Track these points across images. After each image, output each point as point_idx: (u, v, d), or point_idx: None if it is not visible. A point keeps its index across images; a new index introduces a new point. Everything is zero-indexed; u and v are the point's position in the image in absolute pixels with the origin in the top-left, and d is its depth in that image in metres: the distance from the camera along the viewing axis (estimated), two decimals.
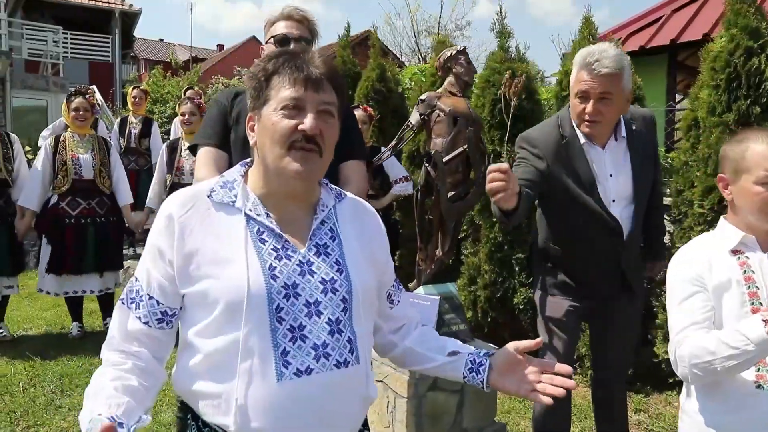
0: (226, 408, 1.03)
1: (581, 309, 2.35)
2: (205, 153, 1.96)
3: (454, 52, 2.51)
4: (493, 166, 1.45)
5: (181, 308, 1.12)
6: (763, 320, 1.34)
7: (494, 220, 4.00)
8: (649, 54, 5.91)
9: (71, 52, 16.70)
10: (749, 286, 1.51)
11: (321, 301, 1.08)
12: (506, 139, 3.85)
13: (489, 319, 4.07)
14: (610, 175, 2.16)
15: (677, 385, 3.47)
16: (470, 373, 1.25)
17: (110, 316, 4.29)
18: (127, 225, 4.42)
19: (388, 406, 2.56)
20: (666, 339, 3.41)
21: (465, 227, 4.24)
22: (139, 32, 22.20)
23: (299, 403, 1.04)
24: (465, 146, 2.34)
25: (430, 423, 2.49)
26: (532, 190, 2.06)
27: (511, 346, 1.23)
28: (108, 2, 19.39)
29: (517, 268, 3.96)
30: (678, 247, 3.30)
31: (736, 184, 1.55)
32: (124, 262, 4.73)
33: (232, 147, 1.97)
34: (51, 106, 11.16)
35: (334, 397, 1.07)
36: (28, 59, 12.89)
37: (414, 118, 2.41)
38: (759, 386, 1.46)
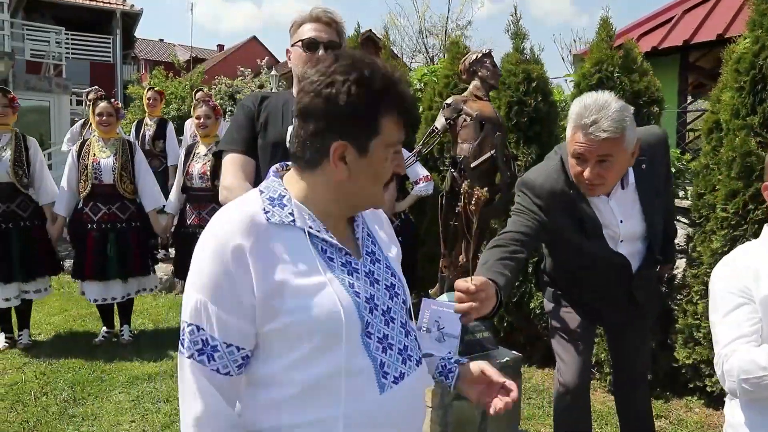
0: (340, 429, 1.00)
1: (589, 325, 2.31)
2: (231, 159, 1.90)
3: (479, 56, 2.45)
4: (459, 287, 1.36)
5: (253, 349, 1.03)
6: None
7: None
8: (661, 55, 5.85)
9: (72, 53, 16.63)
10: None
11: (391, 308, 1.10)
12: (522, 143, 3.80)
13: (505, 324, 4.02)
14: (621, 221, 2.02)
15: (697, 390, 3.42)
16: (440, 375, 1.26)
17: (128, 323, 4.27)
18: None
19: None
20: (685, 344, 3.35)
21: None
22: (139, 32, 22.13)
23: (400, 408, 1.06)
24: (492, 151, 2.29)
25: None
26: (526, 246, 1.91)
27: (478, 369, 1.22)
28: (109, 3, 19.33)
29: (533, 273, 3.91)
30: (698, 251, 3.28)
31: None
32: (157, 266, 4.61)
33: (260, 153, 1.91)
34: (54, 106, 11.09)
35: (418, 393, 1.13)
36: (30, 60, 12.81)
37: (440, 122, 2.36)
38: None
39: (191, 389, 0.98)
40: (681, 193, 4.01)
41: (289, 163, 1.11)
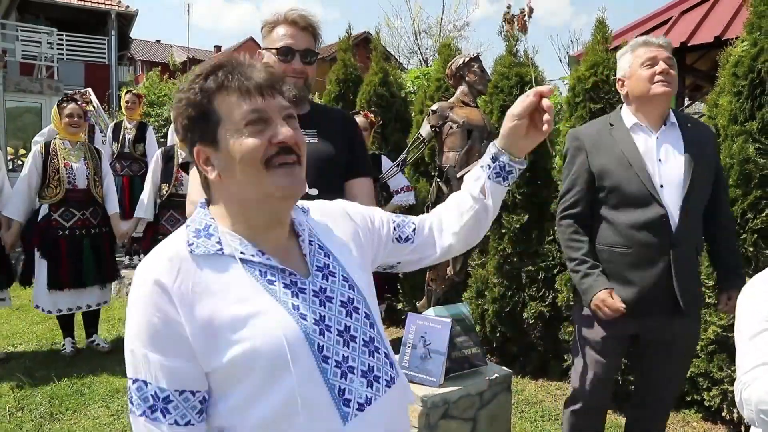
0: None
1: (626, 333, 2.19)
2: (196, 174, 1.79)
3: (466, 60, 2.35)
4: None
5: (209, 389, 0.94)
6: None
7: (503, 231, 3.85)
8: None
9: (67, 54, 16.52)
10: None
11: (350, 326, 1.00)
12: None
13: (498, 334, 3.92)
14: (659, 160, 2.09)
15: (695, 403, 3.32)
16: (506, 180, 1.22)
17: (95, 331, 4.15)
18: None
19: None
20: None
21: None
22: (135, 33, 22.08)
23: None
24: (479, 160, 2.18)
25: None
26: (586, 206, 2.19)
27: (510, 121, 1.18)
28: (104, 3, 19.22)
29: (526, 281, 3.81)
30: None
31: None
32: (122, 272, 4.54)
33: None
34: (45, 108, 10.99)
35: (393, 417, 1.04)
36: (23, 61, 12.70)
37: (425, 130, 2.26)
38: None
39: None
40: None
41: None
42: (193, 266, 0.92)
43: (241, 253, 0.95)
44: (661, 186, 2.06)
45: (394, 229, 1.23)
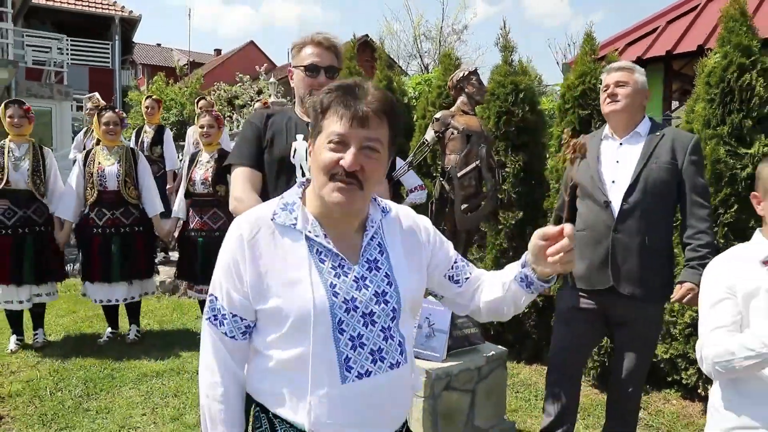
0: (298, 407, 1.18)
1: (597, 310, 2.53)
2: (240, 172, 2.09)
3: (466, 73, 2.67)
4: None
5: (255, 321, 1.24)
6: None
7: (500, 227, 4.17)
8: (646, 64, 6.08)
9: (71, 58, 16.80)
10: None
11: (375, 312, 1.21)
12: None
13: (495, 323, 4.22)
14: (617, 161, 2.49)
15: (675, 383, 3.63)
16: (528, 288, 1.31)
17: (137, 324, 4.47)
18: (156, 234, 4.49)
19: None
20: (663, 339, 3.56)
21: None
22: (136, 37, 22.28)
23: (362, 401, 1.19)
24: (477, 162, 2.50)
25: (444, 421, 2.64)
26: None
27: (536, 238, 1.26)
28: (108, 9, 19.51)
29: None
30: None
31: (765, 200, 1.70)
32: (159, 268, 4.81)
33: (267, 168, 2.08)
34: (55, 113, 11.27)
35: (390, 393, 1.23)
36: (30, 66, 12.98)
37: (429, 135, 2.57)
38: None
39: (205, 343, 1.25)
40: None
41: None
42: (270, 231, 1.22)
43: (309, 231, 1.21)
44: (613, 182, 2.46)
45: (452, 267, 1.40)
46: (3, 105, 4.20)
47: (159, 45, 39.91)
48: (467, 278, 1.40)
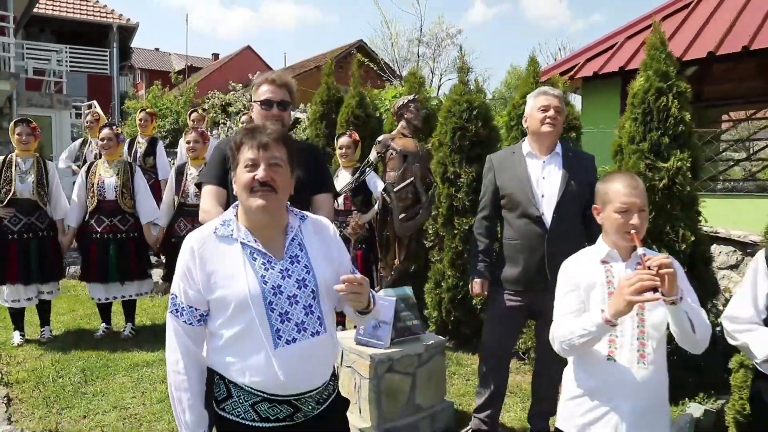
0: (245, 370, 1.60)
1: (523, 306, 2.97)
2: (208, 189, 2.56)
3: (406, 101, 3.13)
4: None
5: (208, 310, 1.66)
6: (601, 311, 1.93)
7: (455, 232, 4.63)
8: (604, 78, 6.54)
9: (70, 66, 17.21)
10: (609, 287, 2.06)
11: (297, 294, 1.63)
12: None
13: (452, 318, 4.68)
14: (543, 178, 2.91)
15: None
16: (358, 314, 1.78)
17: (132, 321, 4.93)
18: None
19: (355, 386, 3.17)
20: None
21: (432, 238, 4.86)
22: (134, 42, 22.73)
23: (291, 362, 1.60)
24: (412, 178, 2.95)
25: (387, 399, 3.10)
26: (492, 210, 3.06)
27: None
28: (106, 17, 19.96)
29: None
30: None
31: (604, 212, 2.07)
32: (153, 271, 5.28)
33: (231, 186, 2.53)
34: (55, 121, 11.72)
35: (312, 355, 1.64)
36: (29, 77, 13.42)
37: (373, 155, 3.03)
38: (610, 359, 1.98)
39: (169, 331, 1.68)
40: None
41: None
42: (213, 241, 1.65)
43: (242, 238, 1.65)
44: (542, 196, 2.87)
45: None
46: (13, 123, 4.69)
47: (157, 49, 40.33)
48: None
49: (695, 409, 3.50)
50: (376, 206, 4.62)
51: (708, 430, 3.42)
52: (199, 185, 2.70)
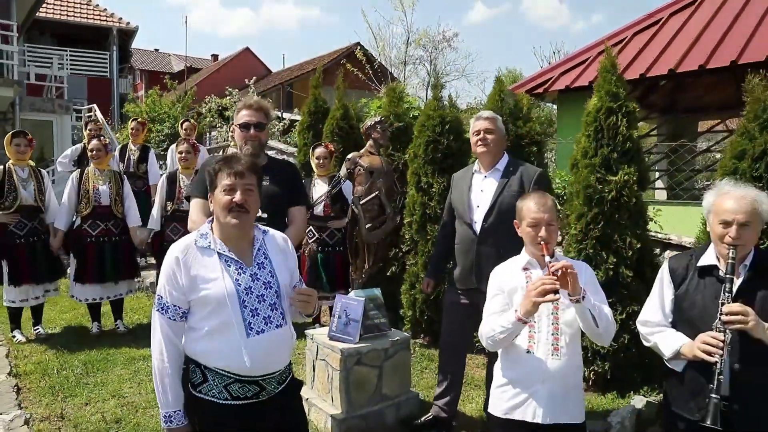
0: (221, 357, 1.94)
1: (470, 304, 3.34)
2: (196, 202, 2.93)
3: (373, 123, 3.51)
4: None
5: (188, 308, 2.00)
6: (515, 310, 2.29)
7: (428, 237, 5.00)
8: (577, 91, 6.91)
9: (70, 69, 17.53)
10: None
11: (264, 294, 2.00)
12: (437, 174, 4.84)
13: (425, 317, 5.05)
14: (481, 190, 3.30)
15: None
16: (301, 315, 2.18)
17: (121, 318, 5.31)
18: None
19: (328, 378, 3.55)
20: None
21: (407, 243, 5.24)
22: (134, 43, 23.06)
23: (260, 349, 1.94)
24: (377, 192, 3.33)
25: (356, 389, 3.48)
26: (447, 220, 3.49)
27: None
28: (106, 21, 20.31)
29: (446, 275, 4.95)
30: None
31: (521, 226, 2.44)
32: (147, 272, 5.69)
33: None
34: (56, 125, 12.09)
35: (276, 343, 2.00)
36: (31, 82, 13.78)
37: (342, 171, 3.42)
38: (528, 352, 2.32)
39: (155, 325, 2.01)
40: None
41: None
42: (194, 251, 1.98)
43: (218, 248, 2.00)
44: (478, 206, 3.27)
45: (296, 282, 2.16)
46: (10, 135, 5.06)
47: (157, 50, 40.62)
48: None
49: (638, 401, 3.85)
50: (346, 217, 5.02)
51: (649, 420, 3.78)
52: (188, 197, 3.08)
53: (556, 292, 2.11)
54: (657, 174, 8.21)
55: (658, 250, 4.95)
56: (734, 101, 7.74)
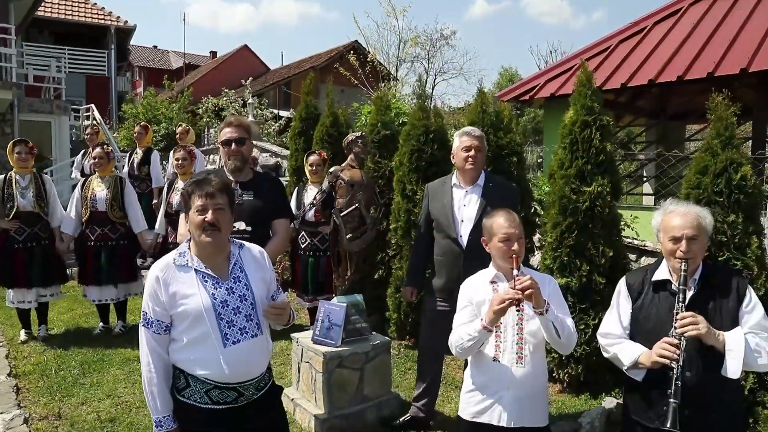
0: (201, 364, 2.11)
1: (452, 311, 3.51)
2: (183, 217, 3.12)
3: (353, 138, 3.69)
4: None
5: (171, 322, 2.15)
6: (481, 320, 2.47)
7: (412, 242, 5.17)
8: (562, 99, 7.08)
9: (69, 67, 17.64)
10: None
11: (239, 306, 2.14)
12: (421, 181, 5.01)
13: (410, 320, 5.23)
14: (464, 205, 3.45)
15: None
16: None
17: (123, 319, 5.51)
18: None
19: (311, 379, 3.74)
20: None
21: (393, 248, 5.43)
22: (132, 39, 23.15)
23: (236, 358, 2.10)
24: (356, 204, 3.52)
25: (338, 391, 3.67)
26: (425, 230, 3.61)
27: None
28: (104, 19, 20.42)
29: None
30: (538, 269, 4.50)
31: (491, 242, 2.60)
32: (142, 273, 5.85)
33: None
34: (54, 126, 12.25)
35: (252, 352, 2.15)
36: (29, 83, 13.91)
37: (325, 184, 3.60)
38: (495, 359, 2.49)
39: (142, 339, 2.15)
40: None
41: None
42: (173, 269, 2.13)
43: (196, 266, 2.16)
44: (462, 221, 3.42)
45: (275, 291, 2.31)
46: (11, 143, 5.25)
47: (155, 47, 40.73)
48: (276, 298, 2.31)
49: (609, 402, 4.04)
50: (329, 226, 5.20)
51: (618, 421, 3.95)
52: (178, 213, 3.27)
53: (519, 302, 2.28)
54: (644, 179, 8.37)
55: (634, 257, 5.13)
56: None
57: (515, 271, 2.39)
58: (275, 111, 15.03)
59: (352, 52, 16.08)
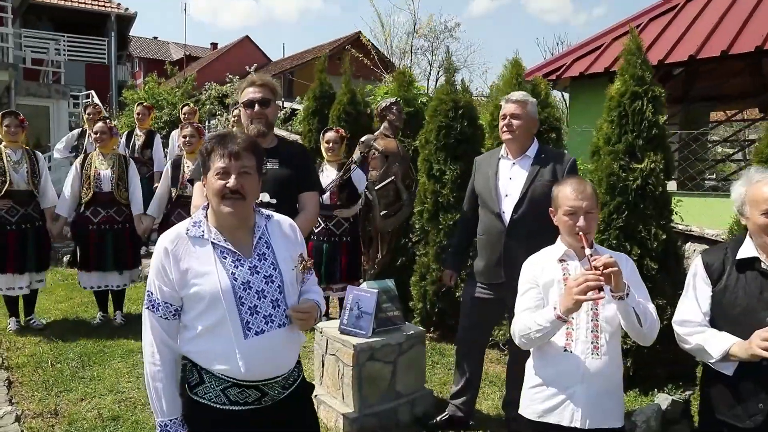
0: (217, 358, 1.72)
1: (495, 299, 3.14)
2: (199, 186, 2.71)
3: (388, 103, 3.29)
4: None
5: (181, 305, 1.76)
6: (554, 308, 2.10)
7: (440, 227, 4.80)
8: (591, 78, 6.69)
9: (68, 55, 17.26)
10: (565, 285, 2.23)
11: (265, 289, 1.76)
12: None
13: (436, 310, 4.86)
14: (510, 178, 3.07)
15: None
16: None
17: (121, 309, 5.10)
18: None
19: (338, 373, 3.35)
20: None
21: (418, 233, 5.03)
22: (132, 31, 22.75)
23: (260, 351, 1.72)
24: (392, 177, 3.12)
25: (369, 386, 3.28)
26: (469, 207, 3.28)
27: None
28: (104, 6, 19.97)
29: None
30: None
31: (557, 215, 2.26)
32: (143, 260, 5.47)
33: None
34: (53, 111, 11.84)
35: (279, 345, 1.77)
36: (28, 67, 13.51)
37: (356, 155, 3.19)
38: (566, 350, 2.15)
39: (146, 325, 1.77)
40: None
41: None
42: (185, 241, 1.74)
43: (213, 238, 1.76)
44: (506, 195, 3.04)
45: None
46: (0, 115, 4.79)
47: (155, 38, 40.25)
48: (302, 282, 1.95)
49: (663, 399, 3.67)
50: (359, 203, 4.80)
51: (674, 419, 3.60)
52: (191, 181, 2.86)
53: (600, 289, 1.92)
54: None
55: (679, 242, 4.75)
56: (753, 89, 7.58)
57: (587, 251, 2.03)
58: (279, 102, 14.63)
59: (359, 38, 15.62)
